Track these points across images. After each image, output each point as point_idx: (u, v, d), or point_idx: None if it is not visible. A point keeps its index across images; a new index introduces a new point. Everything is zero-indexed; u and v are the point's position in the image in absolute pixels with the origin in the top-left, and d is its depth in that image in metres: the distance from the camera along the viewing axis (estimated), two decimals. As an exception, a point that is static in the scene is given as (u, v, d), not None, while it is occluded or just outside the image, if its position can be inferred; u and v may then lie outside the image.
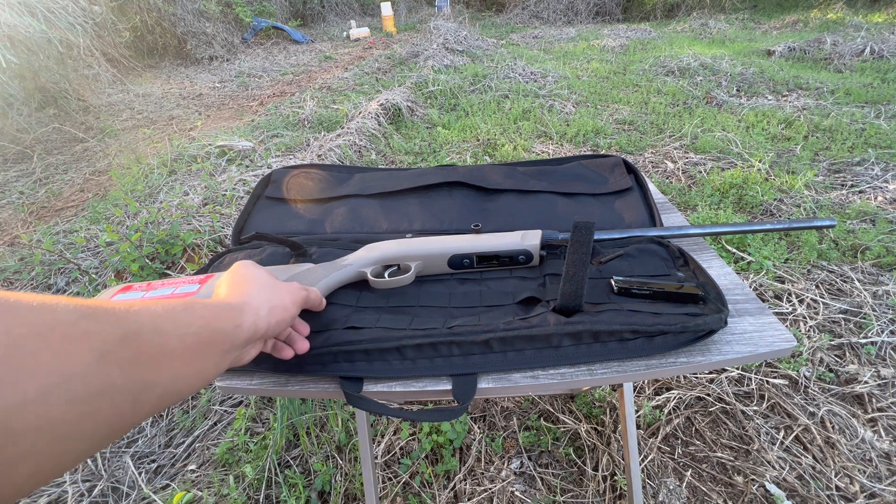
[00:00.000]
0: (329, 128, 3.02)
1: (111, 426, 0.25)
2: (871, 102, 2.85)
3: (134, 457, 1.12)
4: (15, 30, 3.05)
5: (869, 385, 1.14)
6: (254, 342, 0.39)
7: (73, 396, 0.22)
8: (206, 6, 5.77)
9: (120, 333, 0.26)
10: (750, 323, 0.52)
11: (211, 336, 0.33)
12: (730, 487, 0.98)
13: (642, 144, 2.59)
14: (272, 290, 0.42)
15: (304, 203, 0.78)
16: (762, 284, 1.48)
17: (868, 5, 5.87)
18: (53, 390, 0.21)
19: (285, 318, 0.42)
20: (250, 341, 0.38)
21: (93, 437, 0.24)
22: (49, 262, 1.76)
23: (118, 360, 0.25)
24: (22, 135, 3.22)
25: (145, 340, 0.27)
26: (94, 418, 0.23)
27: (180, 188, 2.22)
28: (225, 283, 0.42)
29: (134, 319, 0.27)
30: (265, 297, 0.41)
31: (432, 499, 0.98)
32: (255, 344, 0.40)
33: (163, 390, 0.28)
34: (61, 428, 0.22)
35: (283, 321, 0.42)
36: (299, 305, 0.45)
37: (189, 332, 0.31)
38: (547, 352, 0.48)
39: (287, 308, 0.43)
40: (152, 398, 0.28)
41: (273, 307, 0.41)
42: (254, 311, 0.38)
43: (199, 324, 0.32)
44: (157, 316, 0.29)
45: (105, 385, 0.24)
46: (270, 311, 0.40)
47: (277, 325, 0.41)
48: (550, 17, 7.53)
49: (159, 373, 0.28)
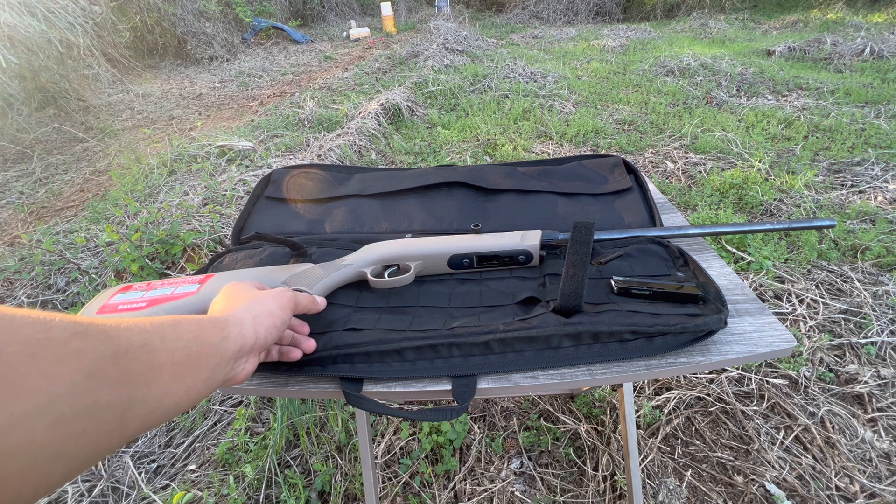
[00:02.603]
0: (329, 128, 3.02)
1: (97, 445, 0.24)
2: (871, 102, 2.85)
3: (134, 457, 1.12)
4: (15, 30, 3.05)
5: (869, 385, 1.14)
6: (245, 355, 0.39)
7: (60, 416, 0.22)
8: (206, 6, 5.77)
9: (111, 351, 0.26)
10: (750, 323, 0.52)
11: (199, 349, 0.33)
12: (730, 487, 0.98)
13: (642, 144, 2.59)
14: (256, 301, 0.42)
15: (304, 203, 0.78)
16: (762, 284, 1.48)
17: (868, 5, 5.87)
18: (40, 410, 0.21)
19: (274, 324, 0.42)
20: (241, 354, 0.38)
21: (77, 457, 0.23)
22: (49, 262, 1.76)
23: (107, 378, 0.25)
24: (22, 135, 3.22)
25: (134, 357, 0.27)
26: (79, 438, 0.23)
27: (180, 188, 2.22)
28: (215, 304, 0.43)
29: (124, 336, 0.27)
30: (248, 307, 0.41)
31: (432, 499, 0.98)
32: (249, 358, 0.39)
33: (151, 407, 0.28)
34: (47, 449, 0.21)
35: (273, 327, 0.41)
36: (288, 309, 0.45)
37: (177, 346, 0.30)
38: (547, 353, 0.48)
39: (273, 313, 0.42)
40: (140, 416, 0.27)
41: (257, 316, 0.40)
42: (238, 323, 0.38)
43: (186, 338, 0.32)
44: (146, 332, 0.29)
45: (92, 404, 0.24)
46: (255, 320, 0.40)
47: (267, 332, 0.40)
48: (550, 17, 7.53)
49: (148, 389, 0.28)
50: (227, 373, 0.37)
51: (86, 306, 0.49)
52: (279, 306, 0.43)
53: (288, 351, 0.47)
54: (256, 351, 0.40)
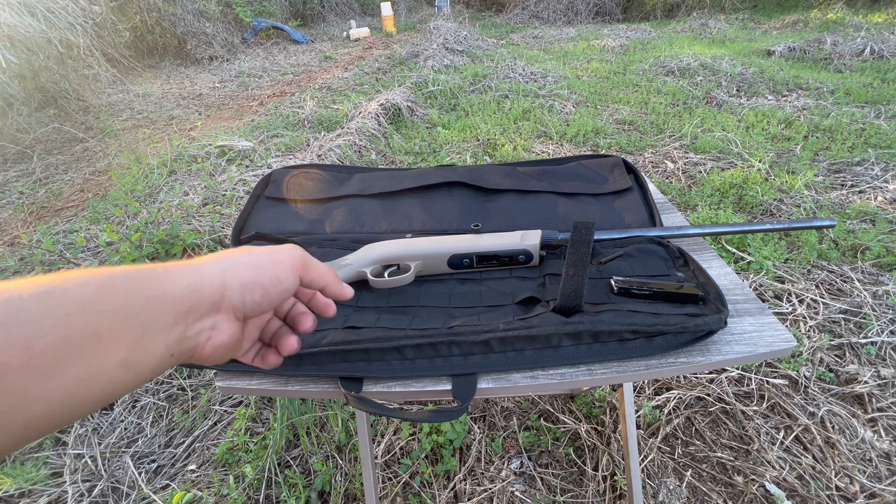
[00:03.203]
0: (329, 128, 3.02)
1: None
2: (871, 102, 2.85)
3: (134, 457, 1.12)
4: (15, 30, 3.05)
5: (869, 385, 1.14)
6: (207, 315, 0.28)
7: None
8: (206, 6, 5.77)
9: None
10: (750, 323, 0.52)
11: (96, 321, 0.23)
12: (730, 487, 0.98)
13: (642, 144, 2.59)
14: (237, 253, 0.32)
15: (304, 203, 0.78)
16: (762, 284, 1.48)
17: (868, 5, 5.87)
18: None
19: (259, 281, 0.31)
20: (195, 313, 0.28)
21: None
22: (49, 262, 1.76)
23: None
24: (22, 135, 3.22)
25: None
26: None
27: (180, 188, 2.22)
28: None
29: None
30: (220, 258, 0.31)
31: (432, 499, 0.98)
32: (216, 320, 0.29)
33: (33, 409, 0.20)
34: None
35: (257, 284, 0.31)
36: (288, 267, 0.34)
37: (43, 325, 0.21)
38: (547, 352, 0.48)
39: (261, 265, 0.32)
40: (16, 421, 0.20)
41: (231, 266, 0.30)
42: (191, 271, 0.28)
43: (66, 309, 0.22)
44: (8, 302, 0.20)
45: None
46: (226, 270, 0.30)
47: (246, 288, 0.30)
48: (550, 17, 7.53)
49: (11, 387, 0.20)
50: (175, 342, 0.26)
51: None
52: (273, 261, 0.33)
53: (287, 330, 0.38)
54: (229, 311, 0.30)
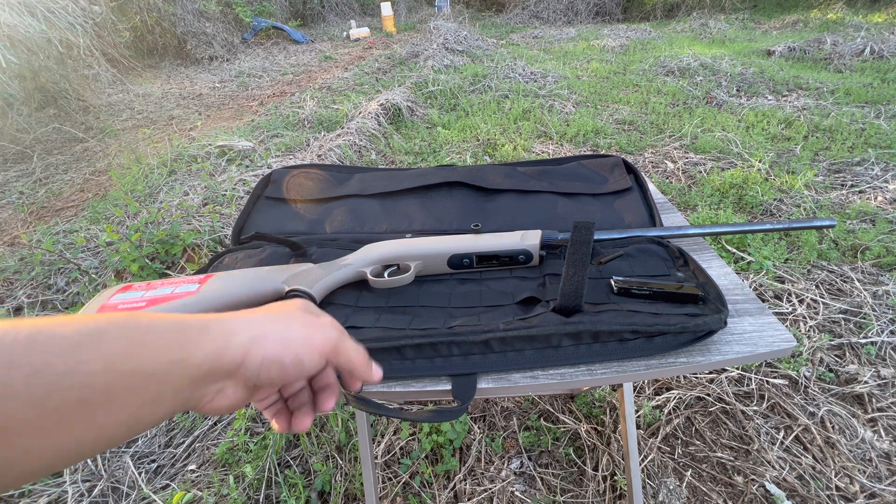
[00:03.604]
0: (329, 128, 3.02)
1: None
2: (871, 102, 2.85)
3: (134, 457, 1.12)
4: (15, 30, 3.05)
5: (869, 385, 1.14)
6: (220, 379, 0.27)
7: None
8: (206, 6, 5.77)
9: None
10: (750, 323, 0.52)
11: (121, 380, 0.22)
12: (730, 487, 0.98)
13: (642, 144, 2.59)
14: (278, 316, 0.30)
15: (304, 203, 0.78)
16: (762, 284, 1.48)
17: (868, 5, 5.87)
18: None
19: (282, 359, 0.28)
20: (212, 376, 0.26)
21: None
22: (49, 262, 1.76)
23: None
24: (22, 135, 3.22)
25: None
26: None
27: (180, 188, 2.22)
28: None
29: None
30: (261, 319, 0.29)
31: (432, 499, 0.98)
32: (226, 386, 0.27)
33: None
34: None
35: (279, 362, 0.28)
36: (317, 350, 0.30)
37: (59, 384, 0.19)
38: (547, 352, 0.48)
39: (290, 342, 0.29)
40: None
41: (265, 337, 0.28)
42: (225, 336, 0.26)
43: (89, 366, 0.21)
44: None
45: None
46: (256, 339, 0.28)
47: (267, 363, 0.28)
48: (550, 17, 7.53)
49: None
50: (180, 404, 0.25)
51: (85, 306, 0.49)
52: (304, 340, 0.30)
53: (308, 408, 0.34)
54: (241, 380, 0.28)
